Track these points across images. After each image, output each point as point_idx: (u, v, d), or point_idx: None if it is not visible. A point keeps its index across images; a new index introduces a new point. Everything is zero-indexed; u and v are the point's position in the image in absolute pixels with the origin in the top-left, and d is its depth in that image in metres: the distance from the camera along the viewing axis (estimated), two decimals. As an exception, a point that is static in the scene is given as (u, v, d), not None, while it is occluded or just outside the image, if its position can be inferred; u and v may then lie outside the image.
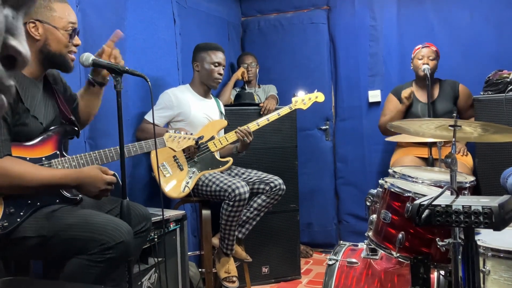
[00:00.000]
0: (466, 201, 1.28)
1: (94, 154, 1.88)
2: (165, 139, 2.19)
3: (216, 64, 2.94)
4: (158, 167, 2.61)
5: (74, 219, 1.70)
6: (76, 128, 1.93)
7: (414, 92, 3.36)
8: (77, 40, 1.83)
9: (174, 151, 2.24)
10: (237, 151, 2.98)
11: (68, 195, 1.80)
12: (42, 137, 1.78)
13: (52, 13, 1.74)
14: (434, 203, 1.29)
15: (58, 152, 1.81)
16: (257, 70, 3.96)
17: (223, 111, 3.14)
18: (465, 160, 3.15)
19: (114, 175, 2.14)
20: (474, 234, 1.33)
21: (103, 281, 1.69)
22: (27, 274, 1.86)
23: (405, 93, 3.29)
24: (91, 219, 1.71)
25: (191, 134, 2.30)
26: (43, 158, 1.75)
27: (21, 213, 1.65)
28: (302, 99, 3.09)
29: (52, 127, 1.82)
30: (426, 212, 1.28)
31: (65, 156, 1.83)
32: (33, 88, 1.76)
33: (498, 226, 1.21)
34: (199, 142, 2.31)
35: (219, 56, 2.96)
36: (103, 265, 1.66)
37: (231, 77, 3.84)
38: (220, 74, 2.96)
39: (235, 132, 2.85)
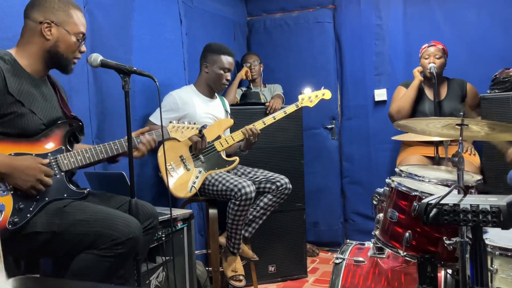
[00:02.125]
0: (474, 200, 1.28)
1: (99, 148, 1.89)
2: (168, 129, 2.19)
3: (226, 70, 2.94)
4: (166, 167, 2.62)
5: (84, 214, 1.71)
6: (80, 123, 1.95)
7: (422, 90, 3.35)
8: (83, 47, 1.91)
9: (178, 141, 2.25)
10: (240, 150, 2.99)
11: (74, 188, 1.82)
12: (45, 132, 1.81)
13: (68, 18, 1.83)
14: (441, 202, 1.29)
15: (63, 147, 1.84)
16: (261, 68, 3.97)
17: (229, 110, 3.15)
18: (473, 159, 3.14)
19: (121, 174, 2.16)
20: (482, 233, 1.33)
21: (111, 277, 1.71)
22: (38, 273, 1.88)
23: (417, 68, 3.31)
24: (101, 215, 1.72)
25: (194, 123, 2.30)
26: (49, 154, 1.78)
27: (31, 209, 1.67)
28: (309, 97, 3.08)
29: (57, 124, 1.86)
30: (434, 211, 1.28)
31: (71, 151, 1.85)
32: (31, 84, 1.80)
33: (506, 225, 1.21)
34: (203, 131, 2.31)
35: (229, 62, 2.95)
36: (112, 260, 1.68)
37: (236, 77, 3.86)
38: (227, 80, 2.97)
39: (243, 130, 2.86)
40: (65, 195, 1.79)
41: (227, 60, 2.94)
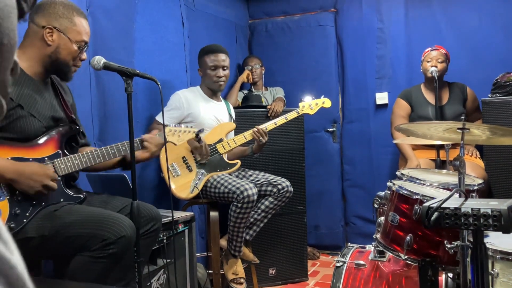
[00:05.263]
0: (475, 203, 1.29)
1: (96, 152, 1.87)
2: (166, 133, 2.17)
3: (213, 68, 2.91)
4: (167, 168, 2.63)
5: (74, 217, 1.70)
6: (78, 127, 1.94)
7: (424, 95, 3.36)
8: (84, 55, 1.90)
9: (175, 144, 2.23)
10: (253, 152, 2.99)
11: (71, 193, 1.81)
12: (43, 137, 1.80)
13: (71, 25, 1.83)
14: (443, 205, 1.30)
15: (60, 152, 1.83)
16: (262, 71, 3.98)
17: (233, 115, 3.16)
18: (479, 162, 3.14)
19: (123, 176, 2.16)
20: (483, 237, 1.34)
21: (106, 278, 1.69)
22: (39, 274, 1.88)
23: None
24: (91, 216, 1.71)
25: (191, 127, 2.27)
26: (46, 158, 1.77)
27: (27, 214, 1.67)
28: (309, 104, 3.09)
29: (54, 127, 1.85)
30: (435, 214, 1.29)
31: (68, 155, 1.84)
32: (31, 87, 1.79)
33: (507, 228, 1.21)
34: (199, 135, 2.29)
35: (216, 59, 2.91)
36: (105, 261, 1.67)
37: (237, 80, 3.87)
38: (218, 76, 2.92)
39: (252, 131, 2.87)
40: (62, 199, 1.78)
41: (213, 57, 2.91)
